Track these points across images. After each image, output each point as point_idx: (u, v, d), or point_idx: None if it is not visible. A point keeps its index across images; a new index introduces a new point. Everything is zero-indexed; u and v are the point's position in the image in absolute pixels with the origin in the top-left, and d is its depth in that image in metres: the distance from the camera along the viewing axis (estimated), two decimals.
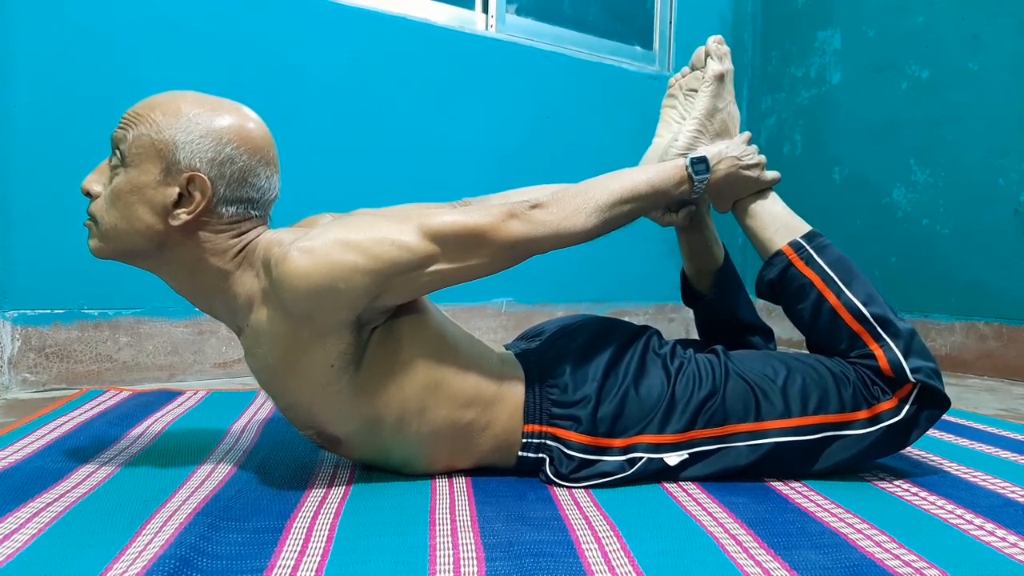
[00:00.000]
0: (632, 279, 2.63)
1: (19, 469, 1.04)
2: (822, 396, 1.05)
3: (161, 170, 0.91)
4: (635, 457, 1.03)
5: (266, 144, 0.97)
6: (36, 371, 1.66)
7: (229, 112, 0.95)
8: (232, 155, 0.92)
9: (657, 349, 1.12)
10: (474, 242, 0.94)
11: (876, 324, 1.07)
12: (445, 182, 2.23)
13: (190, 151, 0.91)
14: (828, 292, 1.09)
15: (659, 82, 2.72)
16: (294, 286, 0.87)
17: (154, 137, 0.91)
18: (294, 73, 1.96)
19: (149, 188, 0.91)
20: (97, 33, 1.70)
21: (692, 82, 1.26)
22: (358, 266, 0.87)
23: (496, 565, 0.75)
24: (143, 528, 0.83)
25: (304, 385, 0.94)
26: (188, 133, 0.91)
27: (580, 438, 1.02)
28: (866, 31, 2.52)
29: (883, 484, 1.07)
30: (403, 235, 0.91)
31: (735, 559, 0.78)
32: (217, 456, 1.13)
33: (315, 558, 0.76)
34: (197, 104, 0.94)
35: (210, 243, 0.94)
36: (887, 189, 2.44)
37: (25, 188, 1.63)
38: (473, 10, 2.37)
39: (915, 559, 0.79)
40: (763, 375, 1.07)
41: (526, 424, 1.03)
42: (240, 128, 0.94)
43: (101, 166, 0.97)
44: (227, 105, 0.96)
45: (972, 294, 2.24)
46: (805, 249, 1.13)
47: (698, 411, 1.04)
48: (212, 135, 0.92)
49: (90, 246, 0.97)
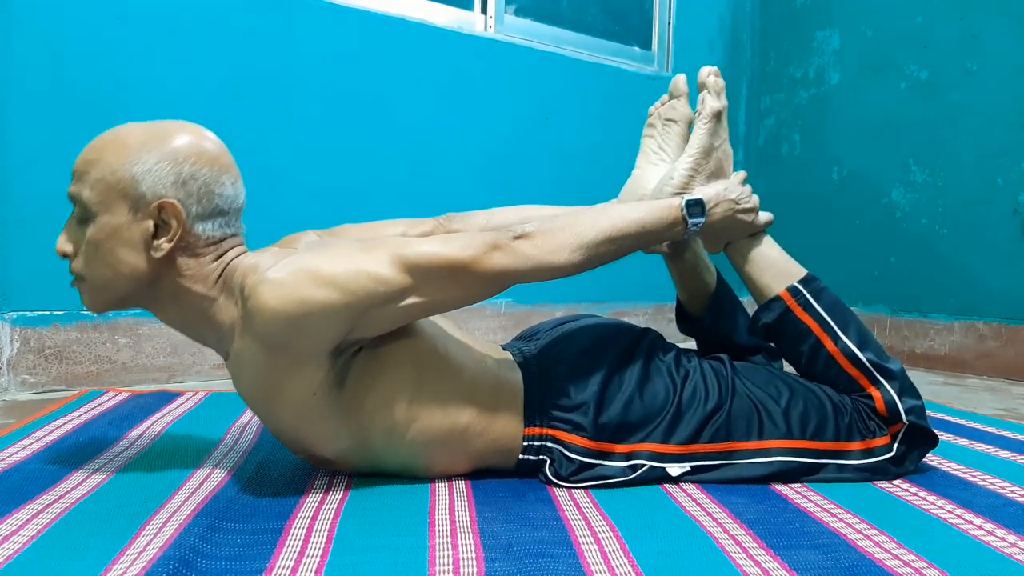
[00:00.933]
0: (631, 279, 2.62)
1: (18, 470, 1.04)
2: (820, 422, 1.07)
3: (129, 208, 0.90)
4: (638, 464, 1.03)
5: (220, 152, 0.95)
6: (35, 372, 1.66)
7: (175, 131, 0.93)
8: (192, 172, 0.91)
9: (662, 356, 1.12)
10: (453, 274, 0.92)
11: (872, 369, 1.09)
12: (444, 182, 2.23)
13: (151, 180, 0.89)
14: (826, 338, 1.11)
15: (658, 82, 2.72)
16: (266, 320, 0.85)
17: (111, 179, 0.89)
18: (293, 74, 1.96)
19: (123, 229, 0.90)
20: (96, 33, 1.70)
21: (669, 111, 1.25)
22: (331, 301, 0.85)
23: (495, 566, 0.75)
24: (142, 529, 0.83)
25: (289, 411, 0.93)
26: (143, 164, 0.90)
27: (582, 442, 1.02)
28: (865, 31, 2.52)
29: (882, 484, 1.07)
30: (379, 267, 0.88)
31: (734, 559, 0.78)
32: (216, 457, 1.13)
33: (314, 559, 0.76)
34: (141, 133, 0.92)
35: (192, 270, 0.94)
36: (886, 189, 2.44)
37: (24, 189, 1.63)
38: (472, 11, 2.37)
39: (914, 559, 0.79)
40: (767, 394, 1.08)
41: (527, 427, 1.03)
42: (191, 144, 0.93)
43: (68, 224, 0.94)
44: (171, 126, 0.94)
45: (971, 294, 2.24)
46: (803, 295, 1.13)
47: (703, 424, 1.05)
48: (167, 158, 0.90)
49: (85, 304, 0.96)
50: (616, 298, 2.54)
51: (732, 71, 2.93)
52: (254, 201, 1.91)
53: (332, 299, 0.85)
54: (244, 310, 0.88)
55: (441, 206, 2.22)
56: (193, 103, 1.82)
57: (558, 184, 2.47)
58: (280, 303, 0.84)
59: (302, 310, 0.84)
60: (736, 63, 2.94)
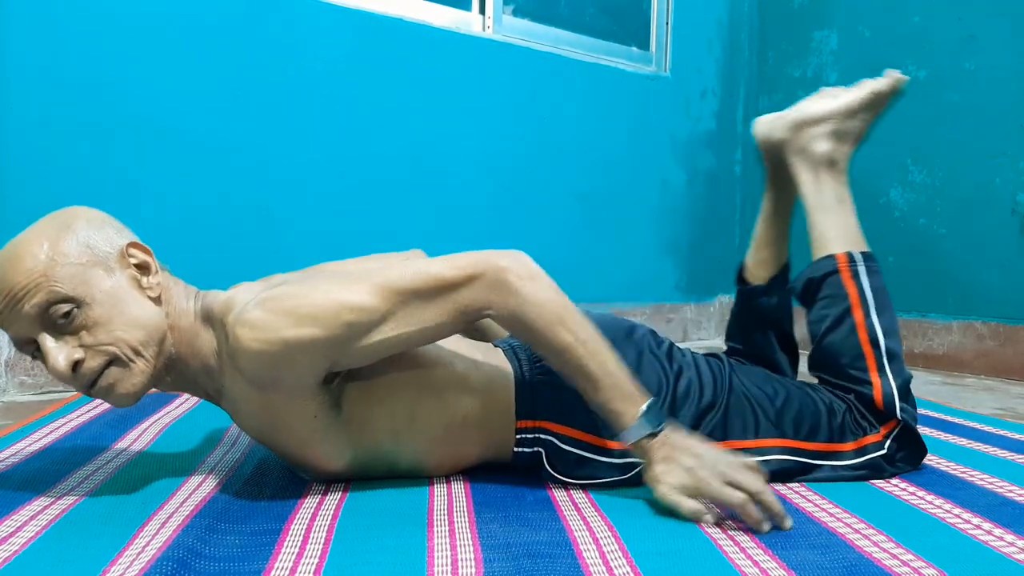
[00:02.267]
0: (630, 279, 2.63)
1: (16, 472, 1.04)
2: (814, 424, 1.07)
3: (104, 271, 0.90)
4: (634, 463, 1.00)
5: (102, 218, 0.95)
6: (33, 374, 1.66)
7: (75, 214, 0.93)
8: (122, 228, 0.95)
9: (654, 349, 1.10)
10: (438, 293, 0.89)
11: (885, 356, 1.10)
12: (443, 182, 2.23)
13: (102, 239, 0.91)
14: (858, 310, 1.12)
15: (656, 82, 2.72)
16: (249, 361, 0.85)
17: (74, 261, 0.87)
18: (291, 74, 1.96)
19: (117, 288, 0.90)
20: (95, 32, 1.69)
21: (881, 83, 1.28)
22: (312, 337, 0.84)
23: (494, 566, 0.75)
24: (140, 530, 0.83)
25: (293, 437, 0.94)
26: (86, 234, 0.90)
27: (575, 433, 1.01)
28: (863, 31, 2.53)
29: (880, 483, 1.07)
30: (359, 297, 0.87)
31: (732, 559, 0.78)
32: (215, 458, 1.13)
33: (313, 560, 0.76)
34: (53, 223, 0.91)
35: (176, 308, 0.95)
36: (884, 189, 2.45)
37: (22, 188, 1.63)
38: (470, 11, 2.37)
39: (913, 558, 0.79)
40: (764, 393, 1.08)
41: (519, 420, 1.02)
42: (95, 215, 0.94)
43: (50, 349, 0.86)
44: (69, 213, 0.93)
45: (969, 293, 2.24)
46: (856, 265, 1.14)
47: (698, 421, 1.04)
48: (94, 223, 0.92)
49: (128, 392, 0.90)
50: (614, 298, 2.54)
51: (730, 71, 2.93)
52: (253, 201, 1.92)
53: (313, 335, 0.84)
54: (228, 348, 0.88)
55: (440, 206, 2.23)
56: (191, 103, 1.82)
57: (556, 184, 2.47)
58: (260, 345, 0.83)
59: (283, 350, 0.84)
60: (734, 63, 2.94)
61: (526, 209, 2.40)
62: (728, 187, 2.92)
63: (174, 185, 1.81)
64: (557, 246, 2.45)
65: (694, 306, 2.81)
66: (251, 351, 0.84)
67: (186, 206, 1.82)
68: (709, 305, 2.86)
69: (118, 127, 1.73)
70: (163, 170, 1.79)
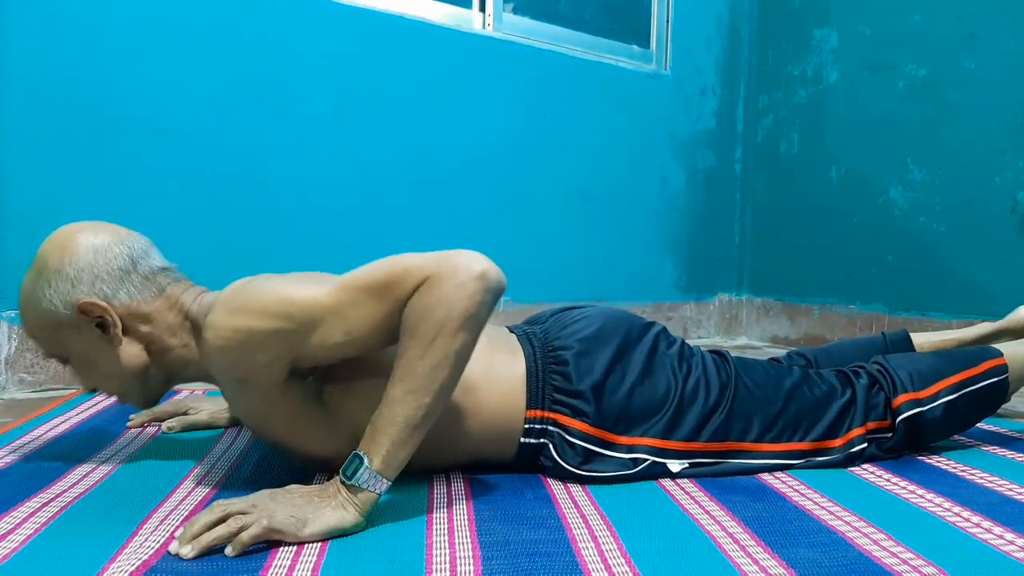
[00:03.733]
0: (630, 277, 2.63)
1: (16, 469, 1.04)
2: (810, 423, 1.13)
3: (71, 329, 0.96)
4: (640, 458, 1.04)
5: (73, 243, 0.96)
6: (33, 371, 1.66)
7: (41, 260, 0.97)
8: (72, 272, 0.95)
9: (666, 348, 1.13)
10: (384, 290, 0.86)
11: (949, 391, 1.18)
12: (442, 181, 2.23)
13: (60, 298, 0.95)
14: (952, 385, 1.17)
15: (656, 81, 2.72)
16: (215, 357, 0.90)
17: (41, 329, 0.97)
18: (290, 71, 1.96)
19: (88, 348, 0.97)
20: (93, 32, 1.69)
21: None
22: (262, 329, 0.86)
23: (492, 564, 0.75)
24: (140, 528, 0.83)
25: (277, 426, 0.96)
26: (50, 295, 0.94)
27: (583, 427, 1.02)
28: (863, 30, 2.52)
29: (880, 482, 1.07)
30: (303, 292, 0.87)
31: (732, 557, 0.79)
32: (214, 455, 1.13)
33: (311, 558, 0.76)
34: (26, 282, 0.97)
35: (159, 331, 0.99)
36: (884, 187, 2.44)
37: (21, 187, 1.62)
38: (470, 9, 2.37)
39: (912, 556, 0.79)
40: (766, 395, 1.12)
41: (528, 409, 1.02)
42: (55, 256, 0.96)
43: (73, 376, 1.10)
44: (39, 256, 0.97)
45: (969, 292, 2.24)
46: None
47: (704, 422, 1.07)
48: (51, 279, 0.95)
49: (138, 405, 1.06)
50: (614, 297, 2.54)
51: (730, 69, 2.93)
52: (252, 198, 1.92)
53: (261, 327, 0.86)
54: (204, 349, 0.94)
55: (439, 204, 2.23)
56: (189, 101, 1.82)
57: (556, 182, 2.47)
58: (219, 342, 0.88)
59: (237, 344, 0.87)
60: (734, 61, 2.94)
61: (526, 207, 2.40)
62: (728, 186, 2.92)
63: (173, 183, 1.80)
64: (556, 244, 2.45)
65: (694, 304, 2.81)
66: (214, 348, 0.89)
67: (185, 203, 1.82)
68: (709, 304, 2.86)
69: (118, 126, 1.72)
70: (162, 169, 1.78)
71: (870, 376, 1.19)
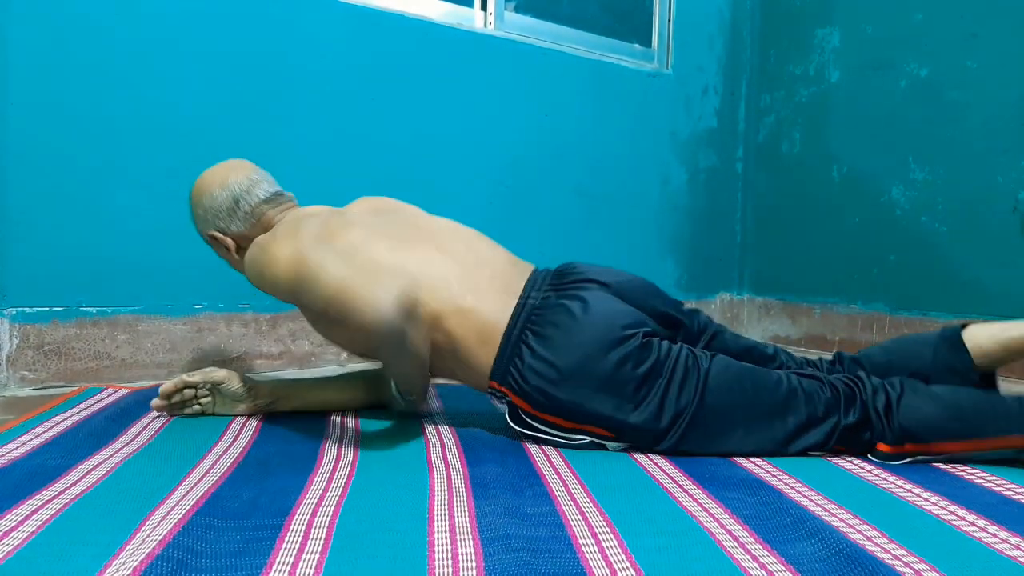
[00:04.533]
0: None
1: (17, 467, 1.05)
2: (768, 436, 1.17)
3: (217, 248, 1.42)
4: (580, 437, 1.19)
5: (205, 193, 1.38)
6: (34, 368, 1.66)
7: (191, 198, 1.42)
8: (205, 210, 1.38)
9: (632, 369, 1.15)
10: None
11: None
12: (443, 179, 2.23)
13: (203, 232, 1.42)
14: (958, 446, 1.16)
15: (658, 80, 2.72)
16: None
17: (205, 234, 1.42)
18: (291, 70, 1.96)
19: (229, 262, 1.44)
20: (95, 31, 1.69)
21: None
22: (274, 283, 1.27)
23: (494, 560, 0.75)
24: (141, 525, 0.83)
25: (321, 327, 1.33)
26: (198, 222, 1.42)
27: (530, 410, 1.19)
28: (865, 29, 2.52)
29: (878, 481, 1.07)
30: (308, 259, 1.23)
31: (731, 553, 0.79)
32: (215, 453, 1.14)
33: (314, 555, 0.77)
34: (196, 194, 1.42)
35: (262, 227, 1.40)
36: (886, 187, 2.44)
37: (23, 185, 1.63)
38: (472, 7, 2.37)
39: (905, 554, 0.80)
40: (721, 429, 1.16)
41: (491, 379, 1.22)
42: (199, 196, 1.39)
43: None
44: (191, 194, 1.42)
45: (970, 292, 2.24)
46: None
47: (672, 424, 1.16)
48: (197, 214, 1.41)
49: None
50: None
51: (732, 68, 2.93)
52: None
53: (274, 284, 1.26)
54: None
55: (438, 203, 2.23)
56: (190, 102, 1.82)
57: (557, 181, 2.47)
58: (248, 275, 1.34)
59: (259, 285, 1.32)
60: (736, 60, 2.93)
61: (527, 206, 2.40)
62: (729, 185, 2.92)
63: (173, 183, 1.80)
64: (557, 243, 2.45)
65: (695, 303, 2.82)
66: (248, 274, 1.34)
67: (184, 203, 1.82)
68: (710, 303, 2.86)
69: (118, 127, 1.73)
70: (162, 169, 1.79)
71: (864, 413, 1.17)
